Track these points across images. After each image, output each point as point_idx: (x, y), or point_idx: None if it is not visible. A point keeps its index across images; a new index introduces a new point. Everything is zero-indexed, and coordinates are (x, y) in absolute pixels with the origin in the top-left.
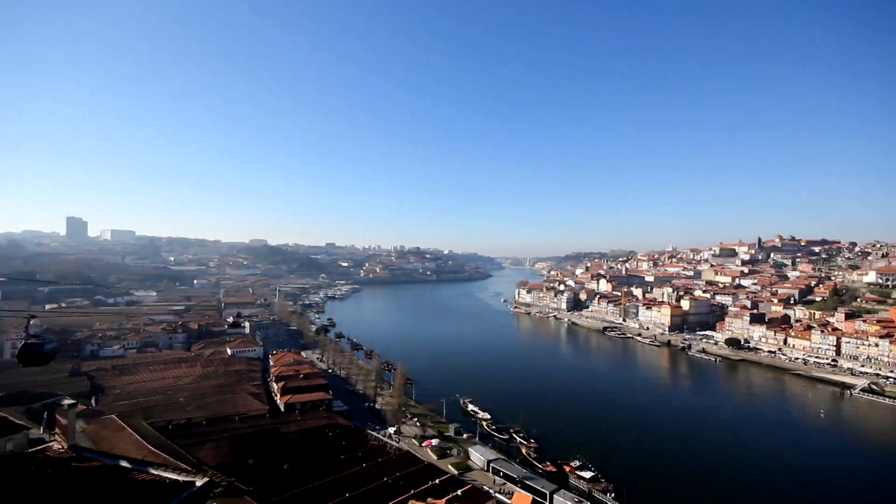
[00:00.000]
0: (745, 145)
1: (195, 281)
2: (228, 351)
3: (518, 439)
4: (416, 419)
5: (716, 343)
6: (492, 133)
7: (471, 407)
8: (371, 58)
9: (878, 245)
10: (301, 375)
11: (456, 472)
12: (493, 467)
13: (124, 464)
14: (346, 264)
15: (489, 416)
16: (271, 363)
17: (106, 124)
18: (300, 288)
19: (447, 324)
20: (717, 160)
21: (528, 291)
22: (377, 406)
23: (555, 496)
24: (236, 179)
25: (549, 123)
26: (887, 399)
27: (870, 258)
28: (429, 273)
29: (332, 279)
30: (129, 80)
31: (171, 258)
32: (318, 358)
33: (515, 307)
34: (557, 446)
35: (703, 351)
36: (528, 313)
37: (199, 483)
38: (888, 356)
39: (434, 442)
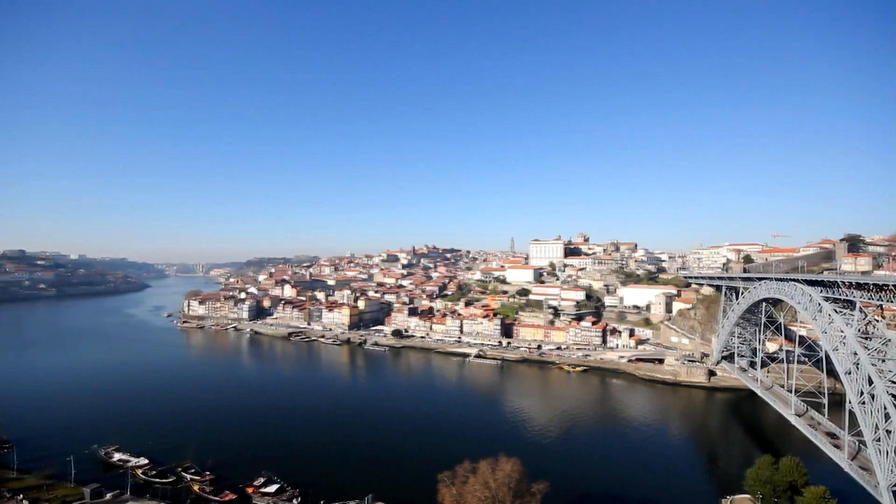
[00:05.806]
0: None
1: None
2: None
3: (189, 477)
4: (21, 496)
5: (385, 335)
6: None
7: (118, 456)
8: None
9: (482, 252)
10: None
11: None
12: None
13: None
14: None
15: (146, 462)
16: None
17: None
18: None
19: (79, 354)
20: (381, 172)
21: (201, 302)
22: None
23: None
24: None
25: (207, 119)
26: (488, 360)
27: (477, 262)
28: (43, 286)
29: None
30: None
31: None
32: None
33: (184, 321)
34: (240, 468)
35: (376, 343)
36: (202, 327)
37: None
38: (487, 330)
39: None
